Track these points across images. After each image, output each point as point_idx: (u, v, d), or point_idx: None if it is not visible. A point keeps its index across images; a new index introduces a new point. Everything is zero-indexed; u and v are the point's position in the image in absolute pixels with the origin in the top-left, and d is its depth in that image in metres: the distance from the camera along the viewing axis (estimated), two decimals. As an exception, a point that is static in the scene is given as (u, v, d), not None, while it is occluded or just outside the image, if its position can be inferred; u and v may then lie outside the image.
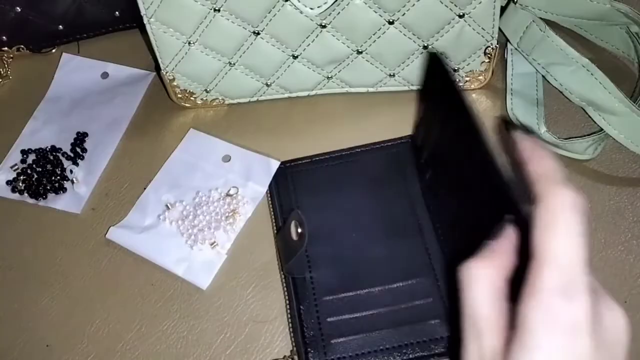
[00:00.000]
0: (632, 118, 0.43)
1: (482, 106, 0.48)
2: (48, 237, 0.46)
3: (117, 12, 0.54)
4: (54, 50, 0.56)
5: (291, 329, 0.39)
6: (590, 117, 0.45)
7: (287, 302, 0.40)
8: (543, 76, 0.48)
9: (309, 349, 0.37)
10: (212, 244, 0.43)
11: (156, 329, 0.41)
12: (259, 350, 0.39)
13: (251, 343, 0.40)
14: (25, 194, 0.47)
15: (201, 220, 0.44)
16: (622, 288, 0.39)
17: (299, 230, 0.38)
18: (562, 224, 0.24)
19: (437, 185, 0.41)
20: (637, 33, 0.47)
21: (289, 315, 0.39)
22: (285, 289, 0.40)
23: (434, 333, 0.37)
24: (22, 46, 0.55)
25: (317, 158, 0.45)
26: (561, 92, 0.47)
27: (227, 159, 0.47)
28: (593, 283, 0.24)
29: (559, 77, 0.46)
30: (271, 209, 0.44)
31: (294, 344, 0.39)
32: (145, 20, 0.44)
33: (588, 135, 0.45)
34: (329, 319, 0.38)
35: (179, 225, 0.44)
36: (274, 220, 0.44)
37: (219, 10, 0.43)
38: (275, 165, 0.46)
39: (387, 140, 0.45)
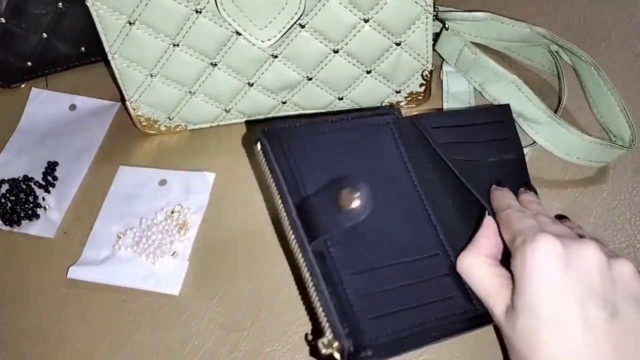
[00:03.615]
0: (554, 127, 0.48)
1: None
2: (23, 261, 0.48)
3: (82, 48, 0.58)
4: (23, 85, 0.59)
5: (324, 311, 0.33)
6: (521, 127, 0.50)
7: (310, 282, 0.34)
8: (479, 92, 0.53)
9: (346, 328, 0.32)
10: (172, 255, 0.47)
11: (129, 342, 0.44)
12: (225, 356, 0.43)
13: (218, 350, 0.43)
14: (0, 222, 0.50)
15: (154, 240, 0.47)
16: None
17: (357, 200, 0.34)
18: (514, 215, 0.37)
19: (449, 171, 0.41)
20: (557, 51, 0.53)
21: (317, 298, 0.34)
22: (304, 267, 0.35)
23: (457, 308, 0.37)
24: (-8, 82, 0.58)
25: (304, 122, 0.40)
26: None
27: (163, 183, 0.51)
28: (560, 231, 0.35)
29: (492, 92, 0.51)
30: (268, 180, 0.37)
31: (329, 328, 0.33)
32: (109, 57, 0.48)
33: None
34: (355, 294, 0.34)
35: (134, 249, 0.47)
36: (275, 192, 0.37)
37: (177, 45, 0.47)
38: (210, 177, 0.50)
39: (370, 108, 0.43)
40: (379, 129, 0.41)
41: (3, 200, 0.51)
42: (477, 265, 0.36)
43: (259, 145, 0.37)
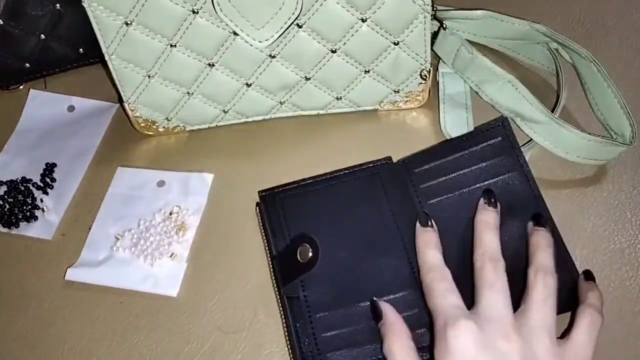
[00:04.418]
0: (552, 126, 0.47)
1: (421, 124, 0.52)
2: (21, 263, 0.48)
3: (80, 49, 0.58)
4: (21, 87, 0.59)
5: (289, 347, 0.41)
6: (519, 127, 0.50)
7: (284, 320, 0.42)
8: (476, 92, 0.52)
9: None
10: (170, 256, 0.47)
11: (127, 344, 0.44)
12: (223, 357, 0.43)
13: (216, 352, 0.43)
14: (-2, 224, 0.50)
15: (153, 242, 0.47)
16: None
17: (310, 253, 0.41)
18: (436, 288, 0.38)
19: (436, 214, 0.43)
20: (556, 49, 0.53)
21: (285, 333, 0.41)
22: (280, 308, 0.42)
23: (422, 342, 0.39)
24: (-10, 84, 0.58)
25: (302, 183, 0.47)
26: (492, 106, 0.51)
27: (161, 184, 0.51)
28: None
29: (489, 92, 0.51)
30: (262, 235, 0.46)
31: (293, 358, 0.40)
32: (107, 58, 0.47)
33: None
34: (323, 335, 0.40)
35: (132, 251, 0.47)
36: (266, 245, 0.45)
37: (175, 46, 0.47)
38: (209, 178, 0.50)
39: (365, 163, 0.47)
40: (368, 179, 0.46)
41: (1, 202, 0.51)
42: (398, 353, 0.37)
43: (257, 208, 0.46)
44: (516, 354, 0.34)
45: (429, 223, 0.42)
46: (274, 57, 0.48)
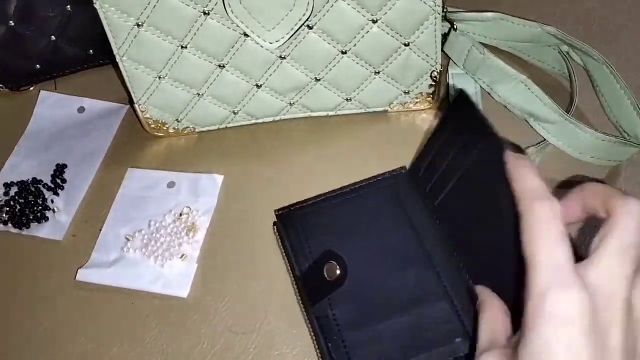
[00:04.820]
0: (566, 126, 0.47)
1: (431, 125, 0.52)
2: (32, 264, 0.48)
3: (90, 51, 0.58)
4: (32, 88, 0.59)
5: None
6: (532, 128, 0.50)
7: (314, 340, 0.41)
8: (488, 93, 0.52)
9: None
10: (181, 257, 0.47)
11: (138, 344, 0.44)
12: (234, 359, 0.42)
13: (226, 353, 0.43)
14: (10, 225, 0.50)
15: (163, 243, 0.47)
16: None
17: (338, 271, 0.40)
18: (543, 234, 0.27)
19: (449, 212, 0.42)
20: (567, 52, 0.52)
21: (317, 353, 0.41)
22: (309, 327, 0.42)
23: (458, 352, 0.38)
24: (1, 86, 0.58)
25: (319, 199, 0.47)
26: (505, 107, 0.51)
27: (172, 185, 0.51)
28: (587, 277, 0.26)
29: (502, 93, 0.51)
30: (283, 254, 0.45)
31: None
32: (118, 59, 0.48)
33: (526, 148, 0.49)
34: (358, 353, 0.39)
35: (143, 252, 0.47)
36: (287, 264, 0.45)
37: (186, 47, 0.47)
38: (219, 179, 0.50)
39: (380, 175, 0.47)
40: (385, 191, 0.46)
41: (12, 203, 0.51)
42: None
43: (275, 228, 0.46)
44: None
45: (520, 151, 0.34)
46: (284, 58, 0.48)
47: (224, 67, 0.48)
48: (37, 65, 0.57)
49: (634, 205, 0.28)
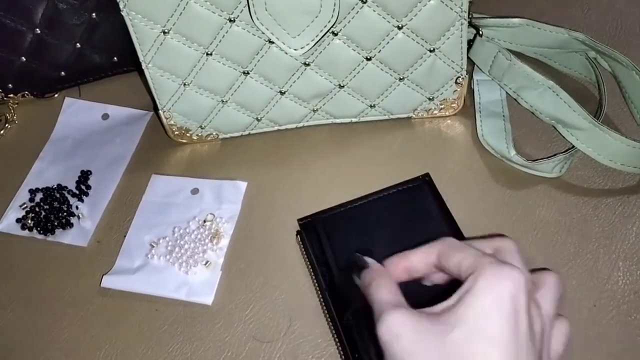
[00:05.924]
0: (596, 132, 0.46)
1: (455, 132, 0.52)
2: (57, 270, 0.49)
3: (115, 58, 0.58)
4: (56, 95, 0.60)
5: None
6: (560, 134, 0.49)
7: (340, 350, 0.41)
8: (515, 99, 0.51)
9: None
10: (205, 264, 0.46)
11: (162, 351, 0.44)
12: (259, 367, 0.42)
13: (251, 360, 0.43)
14: (35, 231, 0.51)
15: (187, 249, 0.47)
16: (591, 293, 0.42)
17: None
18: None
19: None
20: (595, 58, 0.52)
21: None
22: (334, 337, 0.41)
23: None
24: (26, 92, 0.59)
25: (342, 207, 0.46)
26: (532, 113, 0.50)
27: (195, 192, 0.51)
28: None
29: (529, 99, 0.50)
30: (307, 263, 0.45)
31: None
32: (143, 66, 0.48)
33: (553, 155, 0.48)
34: None
35: (167, 259, 0.47)
36: (311, 273, 0.44)
37: (211, 54, 0.47)
38: (242, 186, 0.50)
39: (403, 182, 0.47)
40: (406, 198, 0.46)
41: (37, 209, 0.51)
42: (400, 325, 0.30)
43: (298, 237, 0.46)
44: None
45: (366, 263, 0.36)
46: (308, 65, 0.48)
47: (248, 73, 0.48)
48: (62, 72, 0.58)
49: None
